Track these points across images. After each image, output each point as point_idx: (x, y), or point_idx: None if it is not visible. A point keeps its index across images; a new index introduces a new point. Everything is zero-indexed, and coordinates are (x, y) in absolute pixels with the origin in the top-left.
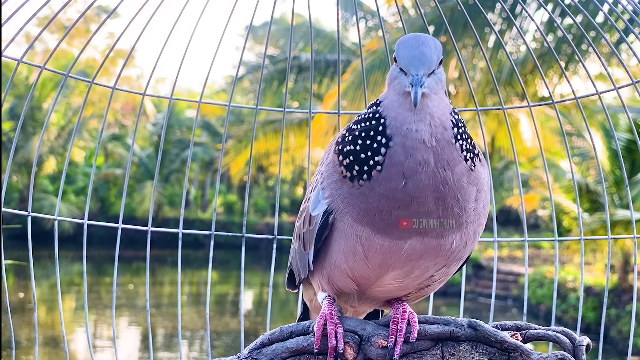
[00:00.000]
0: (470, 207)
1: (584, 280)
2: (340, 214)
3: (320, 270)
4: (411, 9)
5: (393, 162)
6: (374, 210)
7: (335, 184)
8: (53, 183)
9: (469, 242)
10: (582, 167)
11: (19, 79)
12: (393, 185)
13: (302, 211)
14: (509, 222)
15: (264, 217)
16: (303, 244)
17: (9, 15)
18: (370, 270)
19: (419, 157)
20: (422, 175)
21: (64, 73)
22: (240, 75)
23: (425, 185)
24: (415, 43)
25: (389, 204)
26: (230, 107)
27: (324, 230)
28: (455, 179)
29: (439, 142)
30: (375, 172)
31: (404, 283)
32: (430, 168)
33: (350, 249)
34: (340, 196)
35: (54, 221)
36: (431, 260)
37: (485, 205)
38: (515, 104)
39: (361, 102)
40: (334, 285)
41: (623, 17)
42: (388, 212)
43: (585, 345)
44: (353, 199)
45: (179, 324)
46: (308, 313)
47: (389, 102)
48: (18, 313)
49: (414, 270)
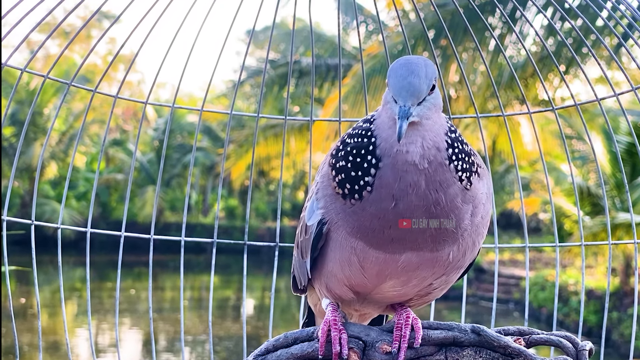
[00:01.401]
0: (465, 224)
1: (586, 283)
2: (334, 225)
3: (319, 278)
4: (411, 13)
5: (382, 184)
6: (366, 228)
7: (329, 198)
8: (54, 188)
9: (468, 251)
10: (583, 170)
11: (20, 85)
12: (383, 205)
13: (300, 220)
14: (510, 226)
15: (265, 221)
16: (301, 252)
17: (12, 26)
18: (367, 279)
19: (409, 179)
20: (412, 197)
21: (67, 82)
22: (241, 80)
23: (416, 207)
24: (405, 72)
25: (380, 223)
26: (231, 115)
27: (319, 240)
28: (447, 200)
29: (431, 164)
30: (366, 192)
31: (403, 291)
32: (421, 190)
33: (345, 260)
34: (334, 210)
35: (57, 229)
36: (428, 271)
37: (484, 216)
38: (515, 108)
39: (362, 106)
40: (333, 292)
41: (621, 22)
42: (380, 231)
43: (588, 350)
44: (346, 215)
45: (182, 331)
46: (313, 317)
47: (381, 122)
48: (20, 319)
49: (412, 280)
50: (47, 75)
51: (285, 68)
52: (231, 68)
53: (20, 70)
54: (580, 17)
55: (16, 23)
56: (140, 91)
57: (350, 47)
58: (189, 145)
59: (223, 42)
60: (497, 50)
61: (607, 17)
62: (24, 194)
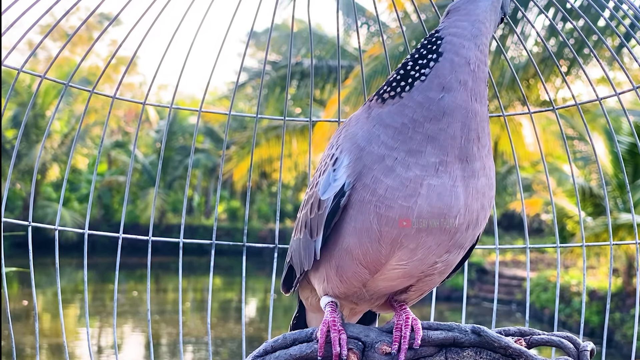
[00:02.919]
0: (484, 154)
1: (588, 284)
2: (363, 176)
3: (329, 259)
4: (413, 14)
5: (437, 74)
6: (408, 123)
7: (363, 135)
8: (57, 190)
9: (471, 225)
10: (585, 171)
11: (22, 87)
12: (431, 95)
13: (307, 200)
14: (512, 227)
15: (267, 223)
16: (310, 231)
17: (9, 25)
18: (381, 249)
19: (461, 76)
20: (458, 93)
21: (64, 82)
22: (242, 82)
23: (459, 105)
24: None
25: (422, 113)
26: (230, 115)
27: (334, 214)
28: (482, 113)
29: (478, 70)
30: (418, 82)
31: (408, 267)
32: (467, 90)
33: (365, 228)
34: (367, 139)
35: (55, 231)
36: (435, 239)
37: (490, 199)
38: (517, 109)
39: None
40: (343, 276)
41: (624, 22)
42: (420, 124)
43: (590, 351)
44: (385, 125)
45: (180, 333)
46: (304, 311)
47: (452, 25)
48: (22, 321)
49: (418, 250)
50: (44, 76)
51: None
52: (233, 70)
53: (17, 70)
54: (582, 17)
55: (13, 22)
56: (142, 93)
57: (352, 48)
58: (190, 147)
59: (221, 43)
60: (498, 51)
61: (609, 17)
62: (27, 196)
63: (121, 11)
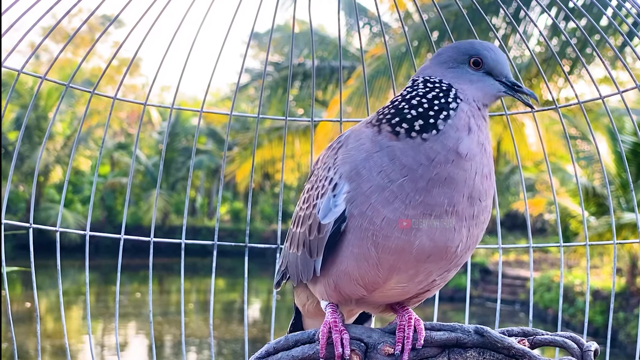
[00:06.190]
0: (486, 204)
1: (592, 283)
2: (360, 204)
3: (327, 277)
4: (415, 14)
5: (454, 122)
6: (425, 162)
7: (364, 162)
8: (60, 192)
9: (471, 247)
10: (588, 170)
11: (25, 89)
12: (449, 143)
13: (303, 217)
14: (516, 227)
15: (270, 224)
16: (309, 251)
17: (9, 26)
18: (380, 274)
19: (478, 121)
20: (472, 144)
21: (65, 83)
22: (245, 83)
23: (472, 154)
24: (496, 48)
25: (447, 156)
26: (231, 116)
27: (335, 237)
28: (491, 176)
29: (486, 144)
30: (442, 123)
31: (407, 288)
32: (482, 131)
33: (363, 255)
34: (368, 167)
35: (56, 233)
36: (436, 264)
37: (487, 219)
38: (519, 109)
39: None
40: (341, 292)
41: (627, 20)
42: (428, 169)
43: (593, 351)
44: (392, 157)
45: (183, 334)
46: (301, 318)
47: (460, 84)
48: (26, 323)
49: (419, 275)
50: (45, 77)
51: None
52: (236, 71)
53: (17, 71)
54: (585, 15)
55: (14, 22)
56: (144, 94)
57: (354, 49)
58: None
59: (221, 45)
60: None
61: (612, 15)
62: (30, 198)
63: (121, 12)
